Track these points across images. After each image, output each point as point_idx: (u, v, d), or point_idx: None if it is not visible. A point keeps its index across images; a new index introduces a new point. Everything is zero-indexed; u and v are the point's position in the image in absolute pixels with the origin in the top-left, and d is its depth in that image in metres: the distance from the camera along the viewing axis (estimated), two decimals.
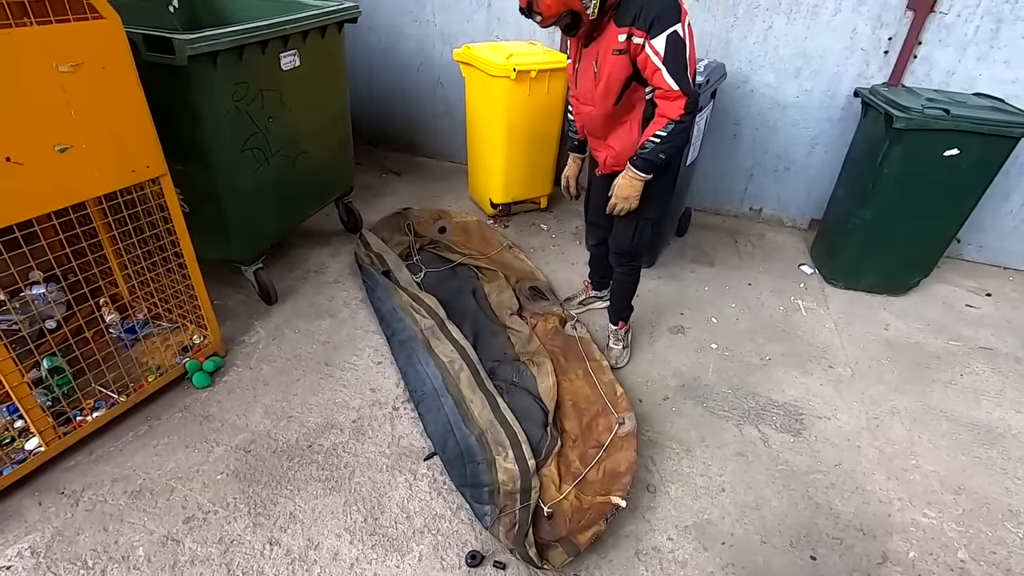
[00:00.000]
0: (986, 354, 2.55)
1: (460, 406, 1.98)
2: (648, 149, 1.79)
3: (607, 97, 1.82)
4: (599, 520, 1.61)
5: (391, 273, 2.68)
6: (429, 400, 2.02)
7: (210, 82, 1.96)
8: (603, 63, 1.76)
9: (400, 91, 4.07)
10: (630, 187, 1.88)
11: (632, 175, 1.86)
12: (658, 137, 1.76)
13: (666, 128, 1.73)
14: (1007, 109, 2.48)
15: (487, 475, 1.76)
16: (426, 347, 2.22)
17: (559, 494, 1.75)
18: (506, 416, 1.95)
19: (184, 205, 2.07)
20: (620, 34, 1.68)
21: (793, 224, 3.61)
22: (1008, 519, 1.81)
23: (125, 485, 1.73)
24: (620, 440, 1.88)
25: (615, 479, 1.75)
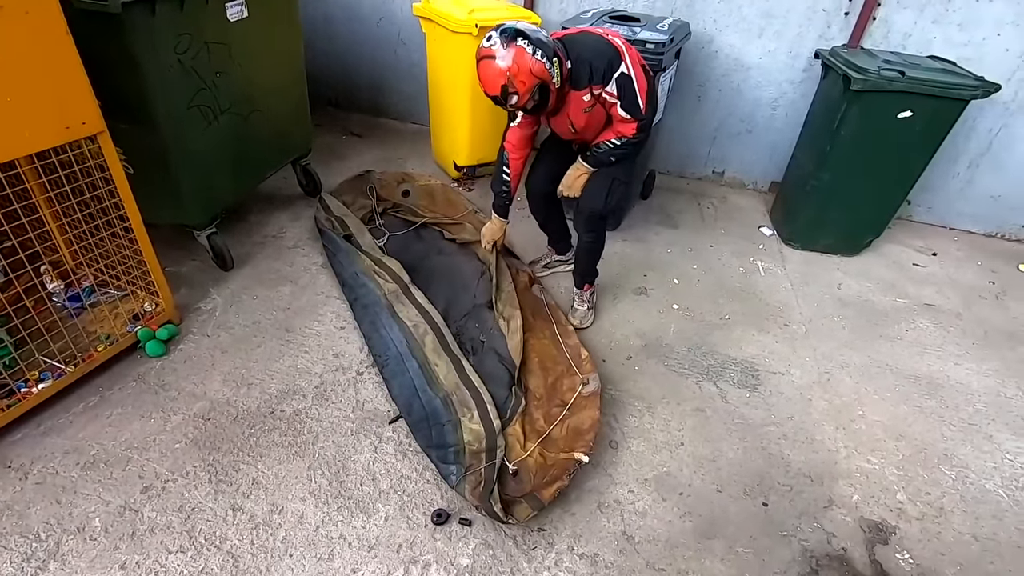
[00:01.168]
0: (930, 310, 2.68)
1: (425, 370, 1.98)
2: (602, 151, 2.01)
3: (592, 133, 2.05)
4: (563, 475, 1.65)
5: (353, 238, 2.62)
6: (394, 364, 2.01)
7: (149, 33, 1.83)
8: (578, 120, 1.96)
9: (360, 48, 3.90)
10: (578, 179, 2.10)
11: (582, 168, 2.08)
12: (612, 144, 1.98)
13: (621, 139, 1.97)
14: (958, 72, 2.54)
15: (452, 436, 1.78)
16: (390, 312, 2.20)
17: (524, 452, 1.78)
18: (471, 379, 1.96)
19: (127, 166, 1.97)
20: (584, 95, 1.87)
21: (754, 187, 3.66)
22: (943, 462, 1.93)
23: (77, 457, 1.68)
24: (584, 400, 1.91)
25: (579, 436, 1.79)
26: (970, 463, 1.94)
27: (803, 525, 1.70)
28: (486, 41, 1.71)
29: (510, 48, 1.67)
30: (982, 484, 1.87)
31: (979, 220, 3.33)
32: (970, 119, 2.99)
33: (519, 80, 1.70)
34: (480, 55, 1.73)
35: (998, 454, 1.98)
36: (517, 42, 1.68)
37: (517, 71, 1.68)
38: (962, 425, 2.08)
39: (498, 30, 1.71)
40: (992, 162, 3.13)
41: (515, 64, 1.68)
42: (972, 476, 1.90)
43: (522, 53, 1.68)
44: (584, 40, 1.88)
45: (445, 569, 1.51)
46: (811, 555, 1.63)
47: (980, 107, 2.91)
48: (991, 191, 3.22)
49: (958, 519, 1.76)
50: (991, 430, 2.07)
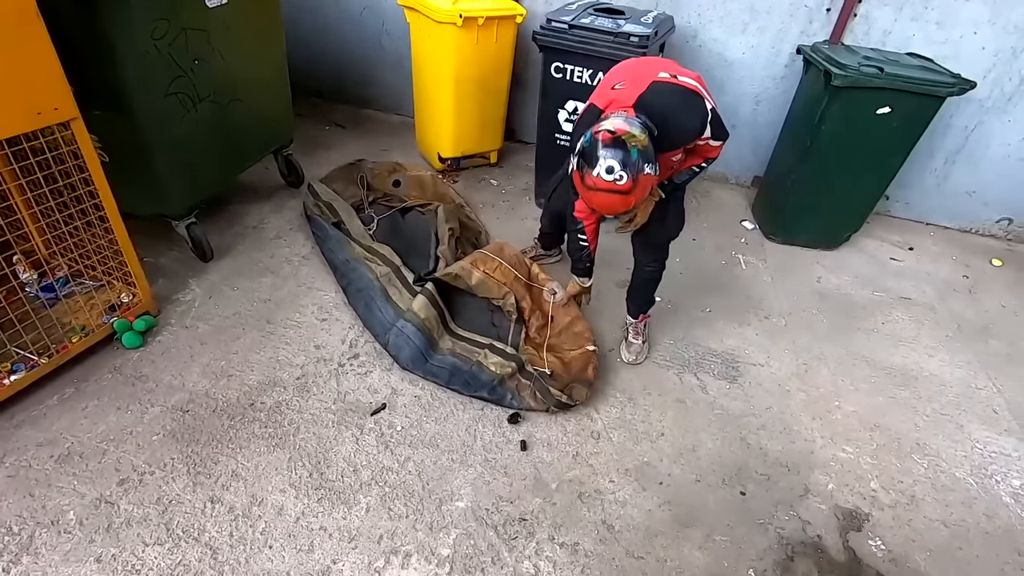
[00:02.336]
0: (906, 303, 2.73)
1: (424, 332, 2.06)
2: (686, 177, 1.88)
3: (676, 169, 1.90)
4: (588, 365, 1.99)
5: (342, 224, 2.60)
6: (394, 338, 2.05)
7: (125, 18, 1.79)
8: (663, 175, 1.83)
9: (344, 38, 3.85)
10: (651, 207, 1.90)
11: (657, 195, 1.90)
12: (698, 168, 1.86)
13: (707, 161, 1.84)
14: (935, 69, 2.58)
15: (484, 374, 1.96)
16: (384, 296, 2.22)
17: (543, 362, 2.03)
18: (471, 337, 2.15)
19: (103, 154, 1.93)
20: (674, 155, 1.76)
21: (737, 181, 3.69)
22: (915, 452, 1.98)
23: (51, 449, 1.65)
24: (557, 307, 2.21)
25: (576, 337, 2.12)
26: (941, 452, 1.99)
27: (779, 513, 1.73)
28: (607, 174, 1.44)
29: (640, 180, 1.46)
30: (952, 472, 1.92)
31: (954, 215, 3.40)
32: (947, 116, 3.04)
33: (640, 202, 1.56)
34: (601, 186, 1.46)
35: (968, 443, 2.03)
36: (646, 170, 1.46)
37: (642, 195, 1.52)
38: (934, 415, 2.13)
39: (618, 157, 1.43)
40: (967, 159, 3.19)
41: (641, 191, 1.49)
42: (943, 465, 1.94)
43: (648, 179, 1.48)
44: (668, 102, 1.60)
45: (426, 559, 1.51)
46: (787, 543, 1.66)
47: (956, 104, 2.96)
48: (966, 187, 3.28)
49: (929, 506, 1.81)
50: (962, 420, 2.12)
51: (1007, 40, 2.84)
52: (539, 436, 1.88)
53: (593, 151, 1.45)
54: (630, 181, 1.44)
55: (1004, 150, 3.11)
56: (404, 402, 1.94)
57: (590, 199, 1.54)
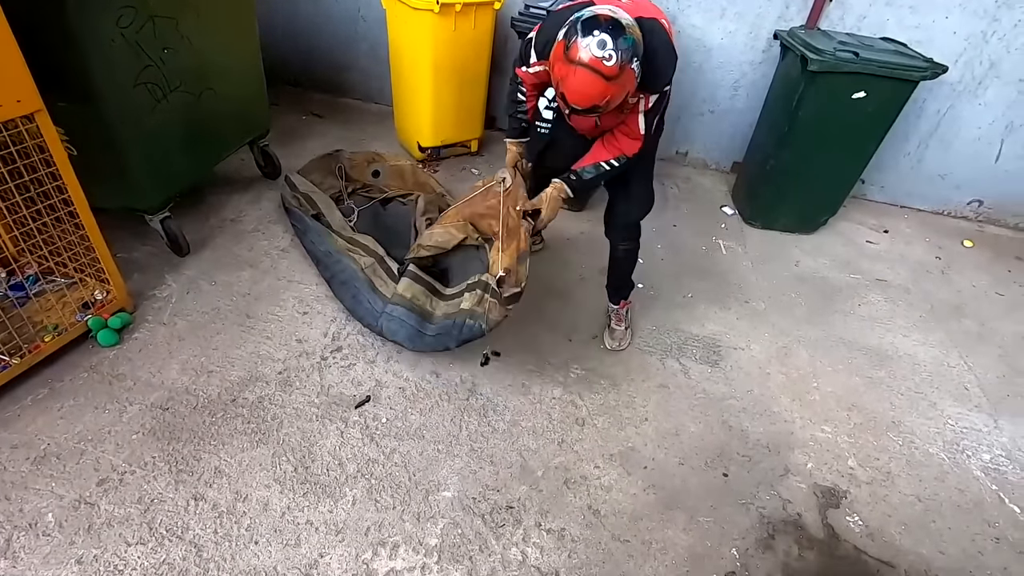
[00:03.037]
0: (881, 285, 2.79)
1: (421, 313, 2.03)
2: (591, 174, 1.79)
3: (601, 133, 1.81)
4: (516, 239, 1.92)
5: (322, 216, 2.57)
6: (387, 323, 2.02)
7: (88, 5, 1.73)
8: (606, 119, 1.68)
9: (320, 25, 3.78)
10: (558, 203, 1.87)
11: (562, 192, 1.85)
12: (608, 165, 1.76)
13: (618, 159, 1.75)
14: (909, 53, 2.61)
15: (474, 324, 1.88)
16: (370, 287, 2.19)
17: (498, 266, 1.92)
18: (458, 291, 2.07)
19: (70, 147, 1.87)
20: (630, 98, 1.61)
21: (717, 167, 3.72)
22: (891, 430, 2.03)
23: (27, 451, 1.61)
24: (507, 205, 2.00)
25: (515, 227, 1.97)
26: (916, 429, 2.04)
27: (761, 493, 1.77)
28: (599, 48, 1.35)
29: (625, 70, 1.39)
30: (926, 448, 1.98)
31: (927, 198, 3.47)
32: (920, 100, 3.09)
33: (614, 102, 1.45)
34: (586, 61, 1.37)
35: (941, 420, 2.09)
36: (633, 64, 1.40)
37: (620, 93, 1.43)
38: (909, 394, 2.19)
39: (613, 35, 1.35)
40: (940, 142, 3.26)
41: (621, 87, 1.42)
42: (917, 441, 2.00)
43: (631, 76, 1.42)
44: (659, 40, 1.54)
45: (414, 550, 1.51)
46: (768, 521, 1.70)
47: (929, 88, 3.01)
48: (939, 170, 3.35)
49: (904, 482, 1.86)
50: (935, 398, 2.18)
51: (977, 24, 2.88)
52: (524, 424, 1.89)
53: (590, 24, 1.37)
54: (617, 66, 1.36)
55: (975, 133, 3.17)
56: (389, 394, 1.93)
57: (565, 76, 1.42)
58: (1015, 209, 3.37)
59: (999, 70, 2.97)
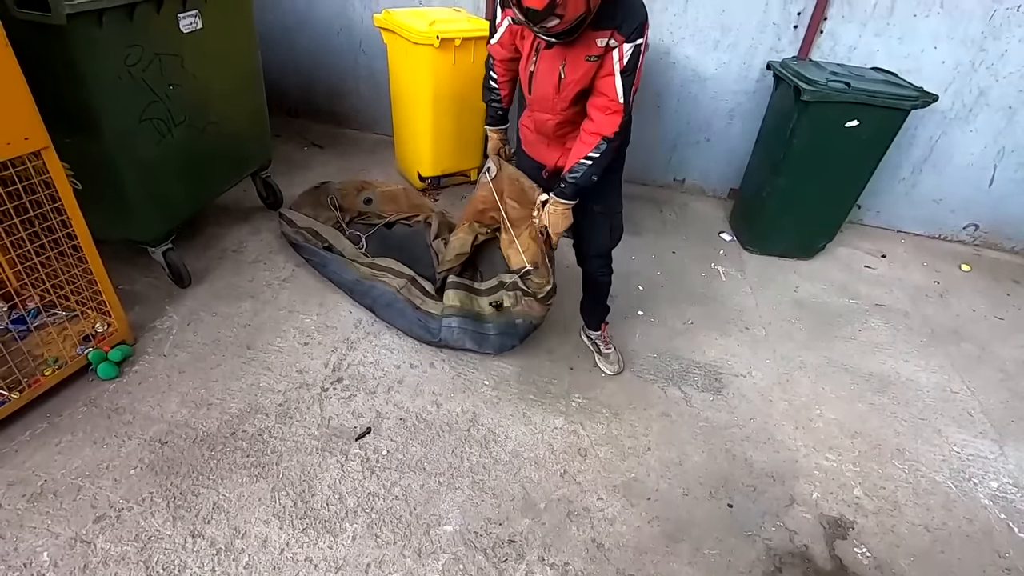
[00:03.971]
0: (880, 310, 2.80)
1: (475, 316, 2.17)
2: (579, 173, 1.69)
3: (569, 103, 1.69)
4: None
5: (333, 247, 2.59)
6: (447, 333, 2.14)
7: (96, 44, 1.77)
8: (572, 69, 1.60)
9: (320, 58, 3.86)
10: (564, 219, 1.82)
11: (560, 206, 1.79)
12: (590, 159, 1.66)
13: (598, 148, 1.64)
14: (899, 83, 2.67)
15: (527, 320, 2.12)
16: (412, 307, 2.27)
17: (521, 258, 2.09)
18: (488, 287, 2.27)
19: (75, 181, 1.90)
20: (600, 38, 1.52)
21: (714, 193, 3.76)
22: (896, 457, 2.02)
23: (23, 488, 1.60)
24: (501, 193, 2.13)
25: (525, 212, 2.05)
26: (921, 457, 2.03)
27: (766, 524, 1.75)
28: None
29: None
30: (932, 476, 1.96)
31: (923, 223, 3.50)
32: (912, 127, 3.14)
33: (573, 2, 1.39)
34: None
35: (946, 447, 2.07)
36: None
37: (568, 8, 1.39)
38: (912, 420, 2.17)
39: None
40: (933, 168, 3.30)
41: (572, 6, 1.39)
42: (923, 469, 1.98)
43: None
44: None
45: None
46: (775, 553, 1.67)
47: (921, 116, 3.07)
48: (933, 195, 3.38)
49: (911, 511, 1.84)
50: (939, 424, 2.17)
51: (966, 54, 2.95)
52: (526, 455, 1.87)
53: None
54: None
55: (968, 159, 3.22)
56: (389, 425, 1.92)
57: None
58: (1011, 233, 3.40)
59: (988, 98, 3.03)
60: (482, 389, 2.10)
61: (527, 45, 1.70)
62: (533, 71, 1.69)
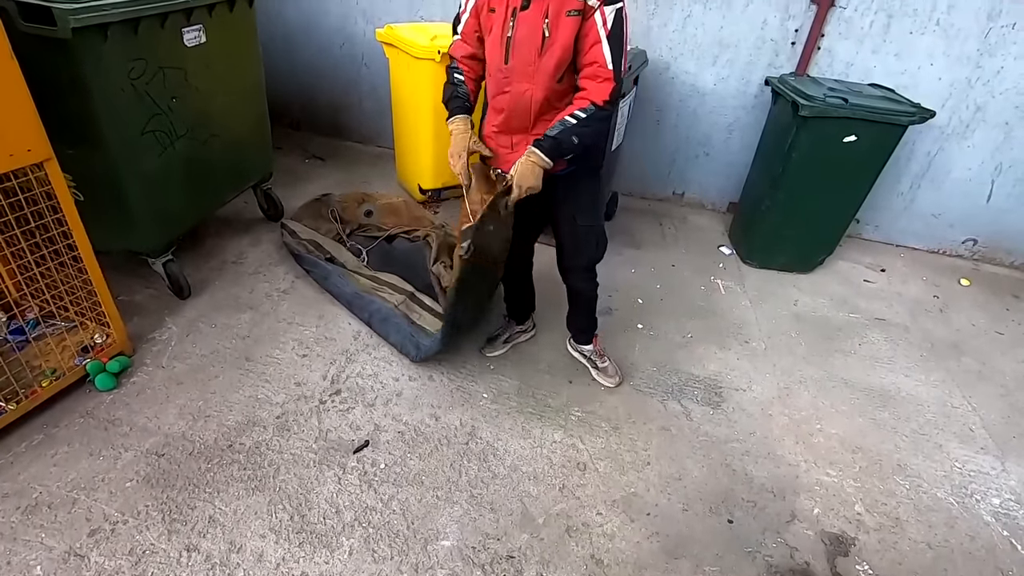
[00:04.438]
0: (880, 324, 2.79)
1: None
2: (559, 129, 1.57)
3: (553, 70, 1.57)
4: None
5: (335, 259, 2.60)
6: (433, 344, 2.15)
7: (101, 58, 1.80)
8: (555, 26, 1.52)
9: (322, 71, 3.90)
10: (532, 174, 1.63)
11: (535, 159, 1.61)
12: (575, 117, 1.56)
13: (586, 110, 1.55)
14: (896, 99, 2.69)
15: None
16: (409, 321, 2.28)
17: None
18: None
19: (77, 193, 1.91)
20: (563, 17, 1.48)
21: (713, 207, 3.78)
22: (897, 473, 2.00)
23: (18, 500, 1.58)
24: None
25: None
26: (922, 472, 2.01)
27: (767, 540, 1.73)
28: None
29: None
30: (934, 493, 1.94)
31: (922, 237, 3.51)
32: (910, 142, 3.16)
33: None
34: None
35: (947, 463, 2.06)
36: None
37: None
38: (913, 436, 2.16)
39: None
40: (931, 182, 3.32)
41: None
42: (924, 485, 1.97)
43: None
44: None
45: None
46: (775, 570, 1.65)
47: (918, 131, 3.08)
48: (932, 209, 3.40)
49: (913, 528, 1.82)
50: (940, 439, 2.15)
51: (962, 71, 2.98)
52: (525, 469, 1.86)
53: None
54: None
55: (966, 174, 3.23)
56: (387, 438, 1.91)
57: None
58: (1010, 247, 3.40)
59: (985, 113, 3.05)
60: (481, 402, 2.09)
61: (499, 17, 1.60)
62: (511, 36, 1.58)
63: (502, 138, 1.78)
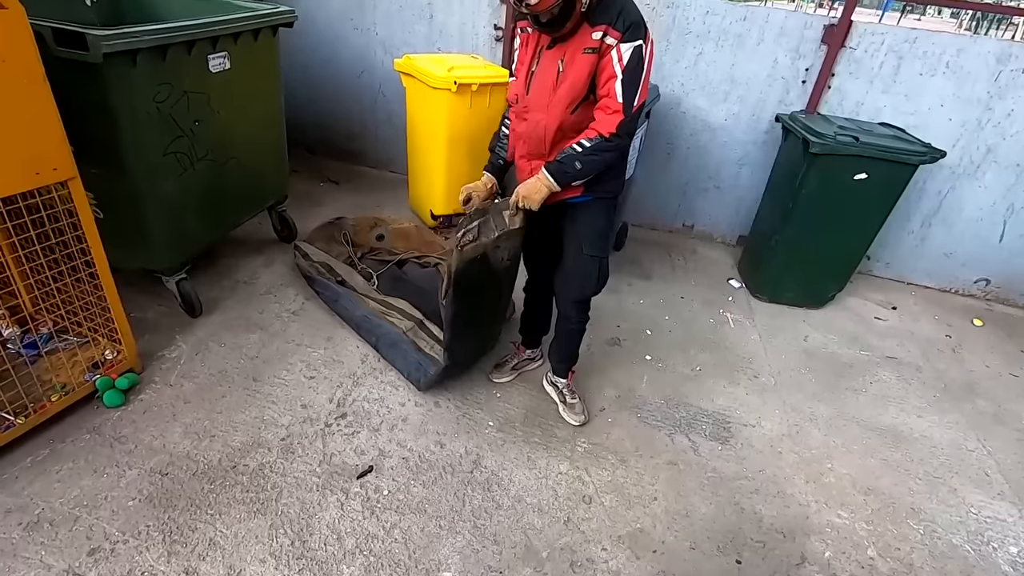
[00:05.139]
0: (892, 363, 2.76)
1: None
2: (565, 155, 1.67)
3: (566, 102, 1.65)
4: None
5: (346, 282, 2.62)
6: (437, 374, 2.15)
7: (129, 82, 1.85)
8: (570, 62, 1.62)
9: (341, 98, 3.99)
10: (535, 189, 1.72)
11: (542, 177, 1.71)
12: (580, 146, 1.64)
13: (592, 140, 1.62)
14: (907, 139, 2.71)
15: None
16: (416, 348, 2.28)
17: None
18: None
19: (97, 210, 1.95)
20: (595, 32, 1.56)
21: (723, 240, 3.78)
22: (911, 517, 1.95)
23: (20, 516, 1.58)
24: None
25: None
26: (937, 517, 1.96)
27: None
28: None
29: None
30: (949, 539, 1.89)
31: (934, 275, 3.49)
32: (921, 181, 3.17)
33: None
34: None
35: (963, 508, 2.01)
36: None
37: None
38: (927, 478, 2.11)
39: None
40: (943, 222, 3.31)
41: None
42: (939, 531, 1.91)
43: None
44: None
45: None
46: None
47: (929, 171, 3.10)
48: (943, 248, 3.38)
49: (928, 575, 1.76)
50: (955, 483, 2.11)
51: (972, 112, 3.00)
52: (530, 500, 1.83)
53: None
54: None
55: (977, 214, 3.23)
56: (392, 464, 1.89)
57: None
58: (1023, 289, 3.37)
59: (996, 155, 3.06)
60: (487, 430, 2.07)
61: (527, 54, 1.73)
62: (534, 71, 1.71)
63: (523, 162, 1.90)
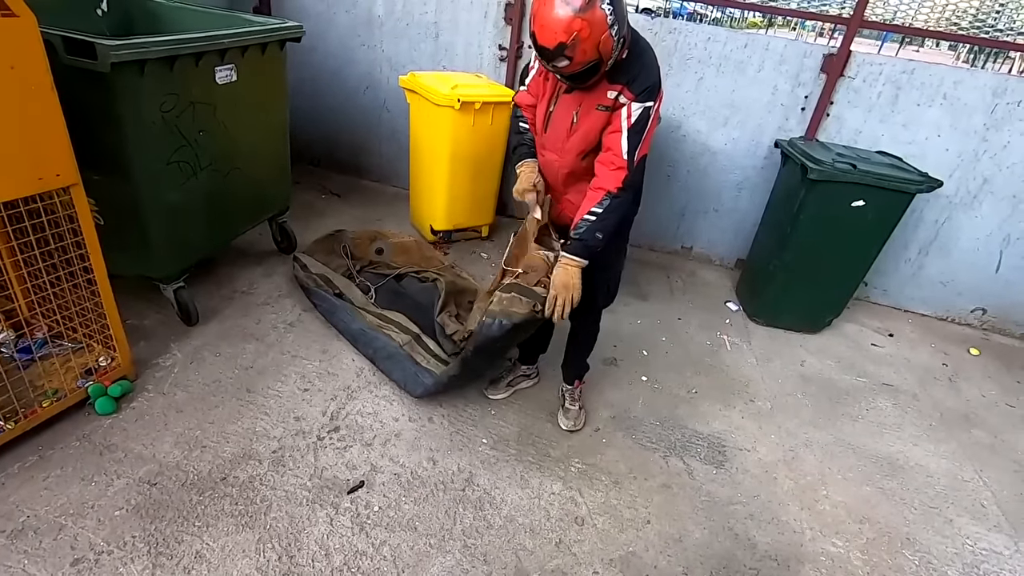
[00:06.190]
0: (888, 390, 2.75)
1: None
2: (583, 229, 1.67)
3: (577, 151, 1.72)
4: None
5: (344, 295, 2.62)
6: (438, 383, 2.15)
7: (136, 91, 1.87)
8: (584, 116, 1.66)
9: (345, 113, 4.03)
10: (568, 276, 1.70)
11: (568, 262, 1.70)
12: (593, 215, 1.65)
13: (601, 203, 1.64)
14: (904, 167, 2.74)
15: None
16: (414, 362, 2.28)
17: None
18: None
19: (99, 217, 1.95)
20: (611, 91, 1.59)
21: (721, 263, 3.80)
22: (906, 547, 1.93)
23: (4, 524, 1.55)
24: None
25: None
26: (932, 548, 1.94)
27: None
28: None
29: (595, 6, 1.39)
30: (944, 571, 1.87)
31: (930, 303, 3.50)
32: (918, 210, 3.20)
33: (582, 47, 1.42)
34: None
35: (959, 539, 1.99)
36: (603, 6, 1.40)
37: (587, 36, 1.40)
38: (923, 508, 2.10)
39: None
40: (939, 250, 3.33)
41: (588, 27, 1.39)
42: (935, 562, 1.89)
43: (602, 20, 1.40)
44: (648, 49, 1.63)
45: None
46: None
47: (926, 200, 3.13)
48: (940, 277, 3.40)
49: None
50: (951, 514, 2.09)
51: (968, 143, 3.04)
52: (521, 521, 1.81)
53: None
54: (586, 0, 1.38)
55: (974, 243, 3.25)
56: (383, 480, 1.87)
57: (537, 9, 1.45)
58: (1020, 319, 3.38)
59: (992, 186, 3.10)
60: (480, 448, 2.06)
61: (549, 87, 1.74)
62: (552, 110, 1.74)
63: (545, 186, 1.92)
